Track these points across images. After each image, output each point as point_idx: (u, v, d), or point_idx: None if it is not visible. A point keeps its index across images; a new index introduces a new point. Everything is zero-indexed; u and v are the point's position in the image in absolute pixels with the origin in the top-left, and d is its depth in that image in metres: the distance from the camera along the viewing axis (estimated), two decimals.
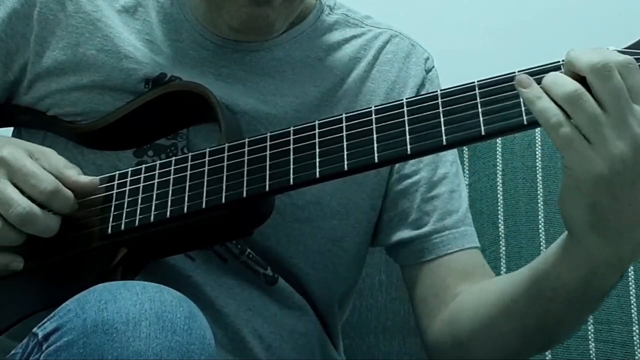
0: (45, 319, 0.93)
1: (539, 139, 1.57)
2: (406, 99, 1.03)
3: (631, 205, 0.95)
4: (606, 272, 1.00)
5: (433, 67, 1.30)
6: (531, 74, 0.95)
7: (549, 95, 0.93)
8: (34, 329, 0.94)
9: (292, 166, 1.03)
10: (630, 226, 0.96)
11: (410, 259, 1.24)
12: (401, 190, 1.24)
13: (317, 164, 1.03)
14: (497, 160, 1.58)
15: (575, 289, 1.02)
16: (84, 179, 1.08)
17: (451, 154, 1.27)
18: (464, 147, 1.58)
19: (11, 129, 1.28)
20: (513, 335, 1.11)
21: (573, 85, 0.92)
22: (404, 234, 1.24)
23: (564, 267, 1.02)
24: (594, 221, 0.96)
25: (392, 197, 1.24)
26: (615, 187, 0.93)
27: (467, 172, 1.60)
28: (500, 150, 1.59)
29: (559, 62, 0.97)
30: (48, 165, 1.07)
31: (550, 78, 0.94)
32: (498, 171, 1.58)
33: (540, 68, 0.97)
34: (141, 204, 1.08)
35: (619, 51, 0.96)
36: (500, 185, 1.57)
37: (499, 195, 1.57)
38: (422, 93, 1.25)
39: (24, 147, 1.08)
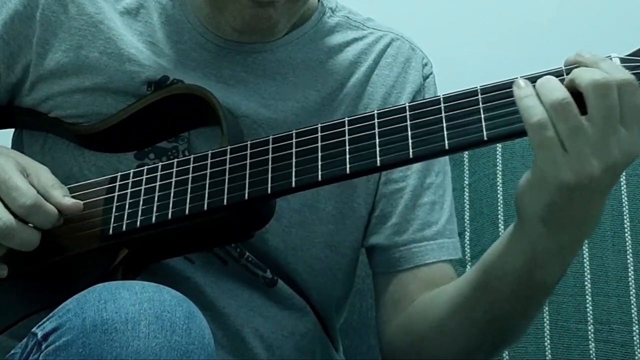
0: (45, 319, 0.94)
1: None
2: (408, 103, 1.03)
3: (586, 209, 0.97)
4: (547, 261, 1.01)
5: (431, 73, 1.29)
6: (532, 80, 0.96)
7: (539, 97, 0.94)
8: (33, 329, 0.94)
9: (294, 169, 1.03)
10: (576, 223, 0.98)
11: (386, 267, 1.23)
12: (386, 194, 1.24)
13: (319, 167, 1.02)
14: (497, 160, 1.58)
15: (518, 278, 1.03)
16: (67, 201, 1.07)
17: (438, 164, 1.26)
18: None
19: (12, 130, 1.28)
20: (462, 332, 1.11)
21: (562, 93, 0.93)
22: (380, 238, 1.23)
23: (509, 256, 1.03)
24: (546, 217, 0.97)
25: (377, 199, 1.24)
26: (576, 194, 0.94)
27: (467, 172, 1.60)
28: (500, 150, 1.59)
29: (560, 68, 0.97)
30: (37, 183, 1.06)
31: (542, 80, 0.95)
32: (498, 171, 1.58)
33: (542, 74, 0.97)
34: (143, 205, 1.08)
35: (622, 58, 0.96)
36: (500, 185, 1.57)
37: (499, 195, 1.57)
38: (418, 99, 1.25)
39: (18, 160, 1.08)
